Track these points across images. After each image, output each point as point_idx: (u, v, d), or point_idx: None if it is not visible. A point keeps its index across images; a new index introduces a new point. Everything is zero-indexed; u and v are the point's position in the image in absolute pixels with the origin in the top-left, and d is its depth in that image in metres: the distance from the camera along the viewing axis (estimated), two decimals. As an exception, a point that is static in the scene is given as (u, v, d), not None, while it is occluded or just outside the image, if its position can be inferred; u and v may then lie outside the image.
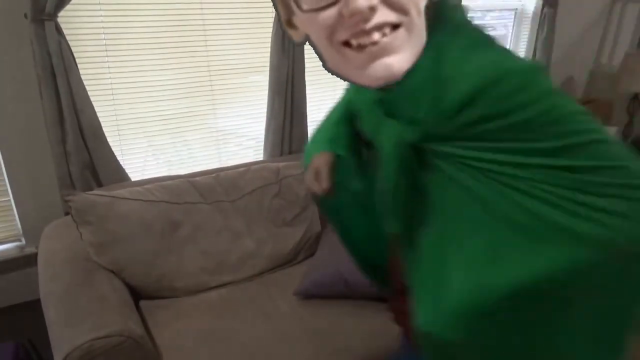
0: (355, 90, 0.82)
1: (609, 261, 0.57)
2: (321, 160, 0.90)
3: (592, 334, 0.62)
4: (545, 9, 2.95)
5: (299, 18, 0.61)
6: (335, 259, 1.66)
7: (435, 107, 0.58)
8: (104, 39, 1.83)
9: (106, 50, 1.85)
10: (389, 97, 0.64)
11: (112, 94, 1.92)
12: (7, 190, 1.85)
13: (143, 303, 1.59)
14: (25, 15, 1.57)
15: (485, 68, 0.57)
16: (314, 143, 0.96)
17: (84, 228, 1.52)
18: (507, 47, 0.77)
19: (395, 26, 0.55)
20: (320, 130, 0.97)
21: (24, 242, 1.94)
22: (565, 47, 3.31)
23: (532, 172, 0.56)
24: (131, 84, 1.94)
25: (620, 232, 0.56)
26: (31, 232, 1.91)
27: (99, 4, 1.78)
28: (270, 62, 2.09)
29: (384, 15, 0.53)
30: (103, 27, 1.82)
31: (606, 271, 0.58)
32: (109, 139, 1.86)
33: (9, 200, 1.88)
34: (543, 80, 0.58)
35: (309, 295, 1.62)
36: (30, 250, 1.92)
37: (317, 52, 0.65)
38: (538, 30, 3.03)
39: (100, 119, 1.82)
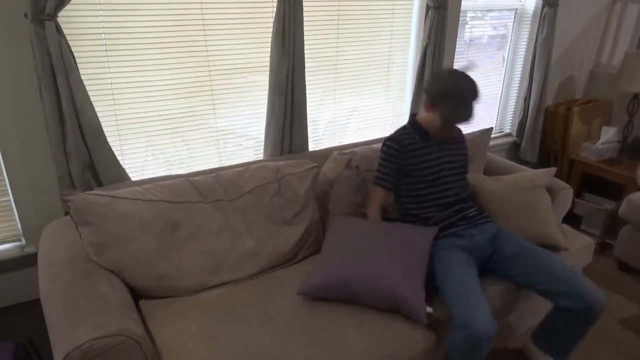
0: None
1: None
2: None
3: None
4: (545, 9, 2.95)
5: None
6: (339, 262, 1.65)
7: None
8: (104, 39, 1.83)
9: (106, 50, 1.85)
10: None
11: (112, 94, 1.92)
12: (7, 190, 1.85)
13: (143, 303, 1.59)
14: (26, 15, 1.58)
15: None
16: None
17: (83, 228, 1.52)
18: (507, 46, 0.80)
19: None
20: None
21: (24, 242, 1.94)
22: (565, 47, 3.31)
23: None
24: (131, 83, 1.94)
25: None
26: (31, 232, 1.91)
27: (99, 4, 1.78)
28: (270, 62, 2.09)
29: None
30: (103, 27, 1.82)
31: None
32: (109, 139, 1.86)
33: (9, 200, 1.88)
34: None
35: (311, 296, 1.62)
36: (30, 250, 1.92)
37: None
38: (538, 30, 3.03)
39: (100, 119, 1.82)
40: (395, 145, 1.86)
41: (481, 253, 1.78)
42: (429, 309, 1.61)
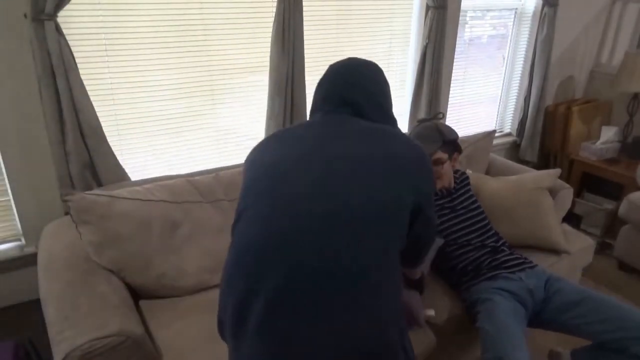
0: None
1: None
2: None
3: None
4: (545, 9, 2.95)
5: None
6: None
7: None
8: (104, 39, 1.83)
9: (106, 50, 1.85)
10: None
11: (112, 94, 1.92)
12: (7, 190, 1.85)
13: (143, 303, 1.59)
14: (25, 15, 1.57)
15: None
16: None
17: (83, 228, 1.52)
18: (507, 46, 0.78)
19: None
20: None
21: (24, 242, 1.93)
22: (565, 47, 3.31)
23: None
24: (131, 83, 1.94)
25: None
26: (31, 232, 1.91)
27: (99, 3, 1.78)
28: (270, 62, 2.09)
29: None
30: (103, 27, 1.82)
31: None
32: (109, 139, 1.86)
33: (9, 200, 1.88)
34: None
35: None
36: (30, 250, 1.92)
37: None
38: (538, 30, 3.03)
39: (100, 119, 1.82)
40: None
41: (531, 298, 1.62)
42: (430, 312, 1.60)
